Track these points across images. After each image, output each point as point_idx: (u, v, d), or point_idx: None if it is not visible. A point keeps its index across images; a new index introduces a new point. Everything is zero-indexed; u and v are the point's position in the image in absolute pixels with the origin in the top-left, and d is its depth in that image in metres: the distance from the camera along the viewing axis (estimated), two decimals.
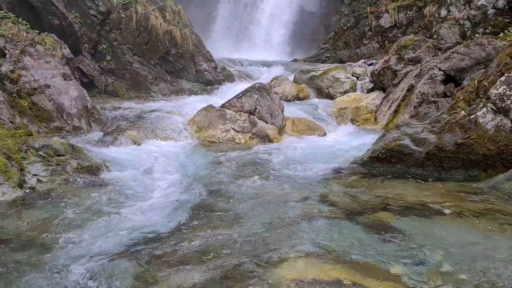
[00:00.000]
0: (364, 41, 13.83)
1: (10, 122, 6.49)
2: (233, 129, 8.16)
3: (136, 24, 11.96)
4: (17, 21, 8.21)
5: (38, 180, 5.15)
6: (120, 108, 9.92)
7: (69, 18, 10.17)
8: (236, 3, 21.82)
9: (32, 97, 7.21)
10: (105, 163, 6.07)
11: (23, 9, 9.23)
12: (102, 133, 8.00)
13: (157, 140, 7.82)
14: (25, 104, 7.04)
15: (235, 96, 8.70)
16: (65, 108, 7.54)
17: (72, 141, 6.96)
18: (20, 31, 7.82)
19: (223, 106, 8.60)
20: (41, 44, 7.94)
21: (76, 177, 5.42)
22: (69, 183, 5.24)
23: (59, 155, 5.66)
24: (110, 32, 11.93)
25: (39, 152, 5.47)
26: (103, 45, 11.85)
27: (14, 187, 4.76)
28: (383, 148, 5.81)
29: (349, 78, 11.41)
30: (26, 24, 8.42)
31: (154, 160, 6.62)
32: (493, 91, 5.02)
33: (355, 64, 12.56)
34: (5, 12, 8.33)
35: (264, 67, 15.26)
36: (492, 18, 9.57)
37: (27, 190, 4.90)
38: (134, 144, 7.52)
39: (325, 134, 8.62)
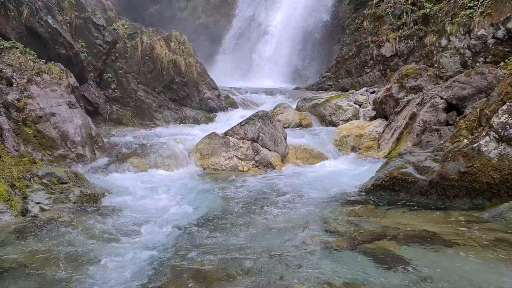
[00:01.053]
0: (366, 70, 13.99)
1: (15, 150, 6.53)
2: (236, 156, 8.17)
3: (142, 53, 12.17)
4: (25, 51, 8.38)
5: (41, 208, 5.15)
6: (124, 135, 9.98)
7: (75, 47, 10.37)
8: (241, 36, 22.24)
9: (37, 125, 7.28)
10: (108, 191, 6.06)
11: (31, 39, 9.43)
12: (105, 160, 8.03)
13: (160, 167, 7.83)
14: (30, 132, 7.10)
15: (238, 124, 8.75)
16: (70, 136, 7.60)
17: (75, 168, 6.98)
18: (27, 61, 7.97)
19: (226, 133, 8.64)
20: (47, 73, 8.08)
21: (79, 205, 5.41)
22: (71, 211, 5.22)
23: (62, 183, 5.67)
24: (115, 61, 12.13)
25: (42, 180, 5.48)
26: (109, 74, 12.04)
27: (16, 215, 4.75)
28: (387, 176, 5.79)
29: (351, 106, 11.48)
30: (34, 53, 8.60)
31: (156, 188, 6.61)
32: (495, 120, 5.03)
33: (357, 92, 12.67)
34: (14, 42, 8.51)
35: (267, 94, 15.41)
36: (492, 47, 9.70)
37: (30, 218, 4.88)
38: (138, 171, 7.53)
39: (328, 162, 8.62)
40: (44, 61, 8.56)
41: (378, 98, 10.49)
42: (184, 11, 23.80)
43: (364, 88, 12.88)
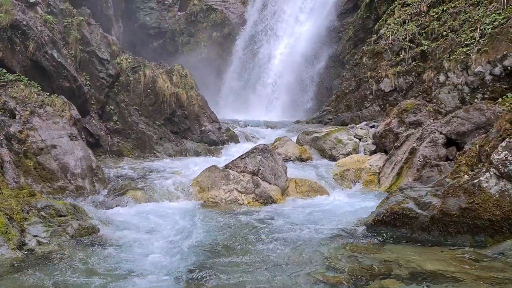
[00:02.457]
0: (365, 104, 14.13)
1: (15, 182, 6.52)
2: (236, 189, 8.14)
3: (144, 86, 12.34)
4: (29, 84, 8.51)
5: (38, 242, 5.09)
6: (124, 167, 9.99)
7: (79, 80, 10.54)
8: (242, 70, 22.63)
9: (38, 157, 7.30)
10: (107, 224, 6.01)
11: (36, 72, 9.59)
12: (105, 192, 8.00)
13: (160, 200, 7.79)
14: (31, 164, 7.11)
15: (239, 157, 8.76)
16: (70, 168, 7.60)
17: (75, 201, 6.95)
18: (31, 93, 8.08)
19: (226, 166, 8.64)
20: (50, 105, 8.18)
21: (76, 238, 5.36)
22: (68, 244, 5.16)
23: (60, 216, 5.63)
24: (118, 94, 12.28)
25: (41, 212, 5.45)
26: (111, 106, 12.16)
27: (13, 248, 4.70)
28: (387, 211, 5.75)
29: (351, 140, 11.53)
30: (38, 86, 8.73)
31: (155, 221, 6.55)
32: (495, 156, 5.05)
33: (357, 126, 12.76)
34: (18, 75, 8.65)
35: (267, 128, 15.51)
36: (490, 84, 9.84)
37: (26, 252, 4.82)
38: (137, 204, 7.49)
39: (328, 196, 8.58)
40: (48, 93, 8.68)
41: (378, 132, 10.56)
42: (186, 46, 24.29)
43: (364, 122, 12.98)
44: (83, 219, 5.78)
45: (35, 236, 5.14)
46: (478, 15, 10.92)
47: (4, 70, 8.65)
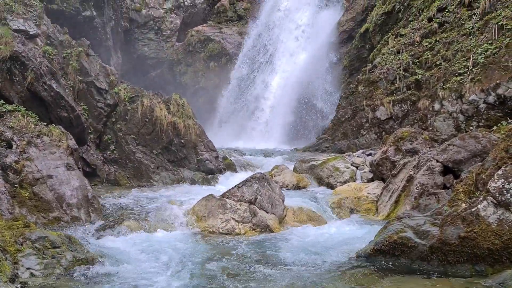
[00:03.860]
0: (362, 132, 14.22)
1: (9, 212, 6.46)
2: (233, 219, 8.07)
3: (141, 116, 12.40)
4: (27, 114, 8.55)
5: (31, 274, 5.00)
6: (120, 197, 9.92)
7: (77, 110, 10.59)
8: (239, 100, 22.86)
9: (33, 187, 7.25)
10: (102, 255, 5.92)
11: (34, 102, 9.65)
12: (101, 223, 7.91)
13: (156, 230, 7.70)
14: (26, 195, 7.06)
15: (236, 186, 8.73)
16: (66, 198, 7.55)
17: (70, 232, 6.86)
18: (28, 123, 8.11)
19: (223, 195, 8.59)
20: (48, 135, 8.19)
21: (70, 270, 5.26)
22: (62, 277, 5.07)
23: (55, 247, 5.54)
24: (115, 123, 12.33)
25: (35, 244, 5.37)
26: (108, 136, 12.18)
27: (5, 281, 4.60)
28: (386, 241, 5.70)
29: (348, 168, 11.54)
30: (35, 116, 8.76)
31: (151, 251, 6.46)
32: (492, 185, 5.06)
33: (354, 154, 12.79)
34: (16, 106, 8.71)
35: (264, 156, 15.53)
36: (485, 112, 9.95)
37: (19, 285, 4.72)
38: (133, 234, 7.39)
39: (326, 224, 8.51)
40: (45, 123, 8.71)
41: (375, 160, 10.58)
42: (184, 75, 24.58)
43: (361, 150, 13.02)
44: (77, 250, 5.69)
45: (28, 268, 5.05)
46: (470, 45, 11.15)
47: (2, 101, 8.71)
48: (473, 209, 5.13)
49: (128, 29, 22.37)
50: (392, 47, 14.26)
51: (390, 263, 5.47)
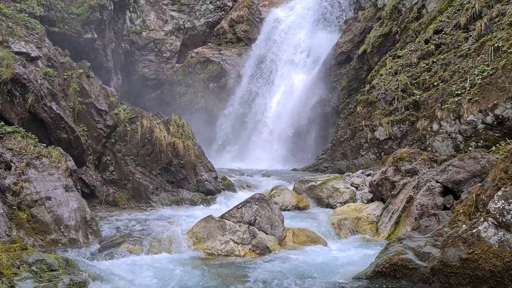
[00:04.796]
0: (361, 152, 14.23)
1: (7, 235, 6.40)
2: (233, 240, 8.00)
3: (141, 137, 12.43)
4: (27, 135, 8.56)
5: None
6: (119, 219, 9.85)
7: (76, 132, 10.62)
8: (238, 120, 22.97)
9: (31, 209, 7.21)
10: (99, 278, 5.84)
11: (34, 123, 9.68)
12: (99, 245, 7.83)
13: (155, 252, 7.63)
14: (24, 217, 7.01)
15: (235, 207, 8.69)
16: (64, 220, 7.49)
17: (68, 254, 6.79)
18: (28, 145, 8.11)
19: (222, 216, 8.54)
20: (47, 156, 8.18)
21: None
22: None
23: (52, 270, 5.48)
24: (115, 144, 12.34)
25: (32, 267, 5.31)
26: (107, 157, 12.18)
27: None
28: (387, 263, 5.65)
29: (348, 188, 11.51)
30: (35, 138, 8.77)
31: (150, 274, 6.38)
32: (492, 205, 5.04)
33: (354, 174, 12.77)
34: (16, 127, 8.72)
35: (263, 176, 15.50)
36: (483, 132, 9.98)
37: None
38: (132, 256, 7.32)
39: (326, 246, 8.43)
40: (45, 145, 8.72)
41: (374, 181, 10.56)
42: (184, 96, 24.73)
43: (360, 171, 13.00)
44: (75, 273, 5.62)
45: None
46: (467, 66, 11.27)
47: (2, 122, 8.73)
48: (474, 231, 5.10)
49: (129, 51, 22.62)
50: (390, 68, 14.41)
51: (391, 285, 5.40)
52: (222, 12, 26.10)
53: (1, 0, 12.73)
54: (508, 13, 10.74)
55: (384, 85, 14.11)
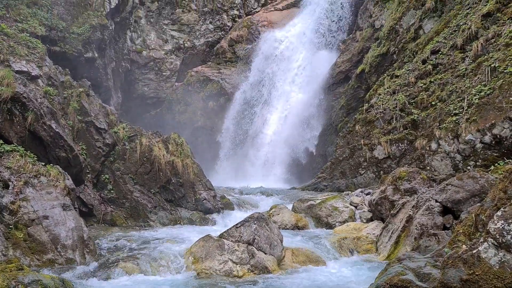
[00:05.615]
0: (360, 171, 14.22)
1: (3, 255, 6.34)
2: (231, 260, 7.93)
3: (140, 155, 12.42)
4: (25, 154, 8.56)
5: None
6: (117, 238, 9.76)
7: (75, 150, 10.61)
8: (237, 139, 23.03)
9: (28, 228, 7.16)
10: None
11: (33, 142, 9.68)
12: (96, 265, 7.75)
13: (152, 272, 7.56)
14: (21, 236, 6.96)
15: (234, 226, 8.64)
16: (61, 240, 7.44)
17: (64, 274, 6.71)
18: (26, 163, 8.11)
19: (221, 236, 8.48)
20: (45, 175, 8.17)
21: None
22: None
23: None
24: (114, 162, 12.33)
25: None
26: (106, 175, 12.15)
27: None
28: (387, 284, 5.58)
29: (347, 207, 11.46)
30: (34, 156, 8.77)
31: None
32: (491, 226, 5.01)
33: (353, 193, 12.73)
34: (15, 146, 8.73)
35: (262, 195, 15.45)
36: (481, 152, 10.00)
37: None
38: (129, 277, 7.25)
39: (326, 266, 8.36)
40: (43, 163, 8.71)
41: (374, 200, 10.53)
42: (183, 115, 24.83)
43: (359, 190, 12.97)
44: None
45: None
46: (464, 86, 11.36)
47: (0, 141, 8.74)
48: (474, 251, 5.06)
49: (129, 70, 22.80)
50: (388, 88, 14.51)
51: None
52: (222, 32, 26.41)
53: (4, 20, 12.89)
54: (504, 34, 10.88)
55: (382, 104, 14.19)
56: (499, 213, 5.05)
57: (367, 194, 12.16)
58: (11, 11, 13.69)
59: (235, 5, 26.79)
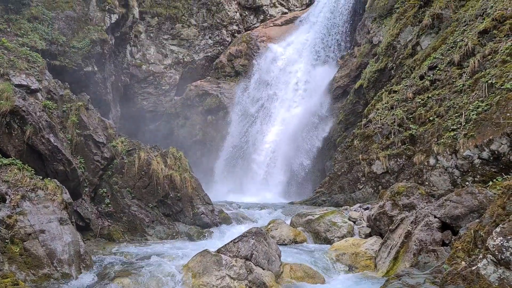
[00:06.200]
0: (358, 186, 14.21)
1: None
2: (229, 275, 7.85)
3: (138, 169, 12.40)
4: (23, 168, 8.54)
5: None
6: (113, 252, 9.70)
7: (73, 164, 10.59)
8: (236, 153, 23.05)
9: (25, 242, 7.10)
10: None
11: (31, 155, 9.67)
12: (92, 280, 7.68)
13: None
14: (17, 250, 6.90)
15: (232, 241, 8.58)
16: (57, 254, 7.37)
17: None
18: (24, 177, 8.08)
19: (219, 251, 8.42)
20: (42, 189, 8.13)
21: None
22: None
23: None
24: (112, 176, 12.30)
25: None
26: (104, 189, 12.11)
27: None
28: None
29: (345, 222, 11.41)
30: (31, 170, 8.75)
31: None
32: (490, 242, 5.00)
33: (351, 208, 12.69)
34: (13, 159, 8.72)
35: (261, 209, 15.39)
36: (479, 167, 10.00)
37: None
38: None
39: (324, 282, 8.29)
40: (41, 177, 8.68)
41: (372, 215, 10.49)
42: (182, 128, 24.88)
43: (358, 204, 12.93)
44: None
45: None
46: (462, 101, 11.42)
47: None
48: (473, 268, 5.04)
49: (128, 84, 22.89)
50: (386, 103, 14.59)
51: None
52: (221, 47, 26.64)
53: (5, 34, 12.98)
54: (501, 51, 10.99)
55: (380, 119, 14.25)
56: (498, 229, 5.04)
57: (365, 209, 12.12)
58: (12, 26, 13.80)
59: (234, 20, 27.09)
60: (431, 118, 12.37)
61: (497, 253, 4.91)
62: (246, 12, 28.12)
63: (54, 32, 15.33)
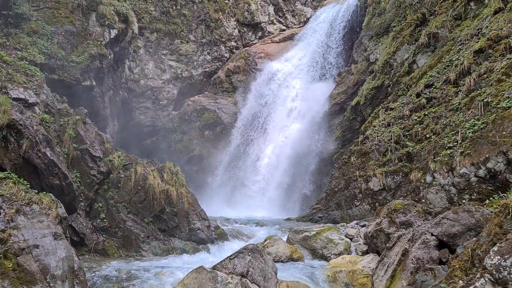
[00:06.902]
0: (355, 203, 14.17)
1: None
2: None
3: (134, 184, 12.34)
4: (18, 181, 8.48)
5: None
6: (108, 268, 9.58)
7: (69, 178, 10.53)
8: (233, 167, 23.04)
9: (18, 257, 7.00)
10: None
11: (27, 169, 9.60)
12: None
13: None
14: (10, 266, 6.80)
15: (228, 258, 8.51)
16: (50, 270, 7.26)
17: None
18: (19, 191, 8.01)
19: (214, 267, 8.34)
20: (37, 203, 8.06)
21: None
22: None
23: None
24: (107, 191, 12.23)
25: None
26: (99, 203, 12.03)
27: None
28: None
29: (342, 239, 11.35)
30: (27, 184, 8.69)
31: None
32: (488, 261, 4.97)
33: (348, 225, 12.64)
34: (8, 173, 8.66)
35: (257, 225, 15.32)
36: (476, 185, 10.02)
37: None
38: None
39: None
40: (36, 191, 8.62)
41: (369, 232, 10.44)
42: (179, 143, 24.87)
43: (355, 221, 12.89)
44: None
45: None
46: (458, 119, 11.49)
47: None
48: (471, 287, 5.00)
49: (126, 98, 22.96)
50: (382, 120, 14.66)
51: None
52: (219, 63, 26.84)
53: (4, 48, 13.04)
54: (496, 70, 11.11)
55: (377, 136, 14.30)
56: (495, 248, 5.02)
57: (362, 226, 12.07)
58: (11, 39, 13.88)
59: (233, 37, 27.35)
60: (427, 136, 12.43)
61: (494, 272, 4.89)
62: (244, 29, 28.42)
63: (53, 46, 15.43)
